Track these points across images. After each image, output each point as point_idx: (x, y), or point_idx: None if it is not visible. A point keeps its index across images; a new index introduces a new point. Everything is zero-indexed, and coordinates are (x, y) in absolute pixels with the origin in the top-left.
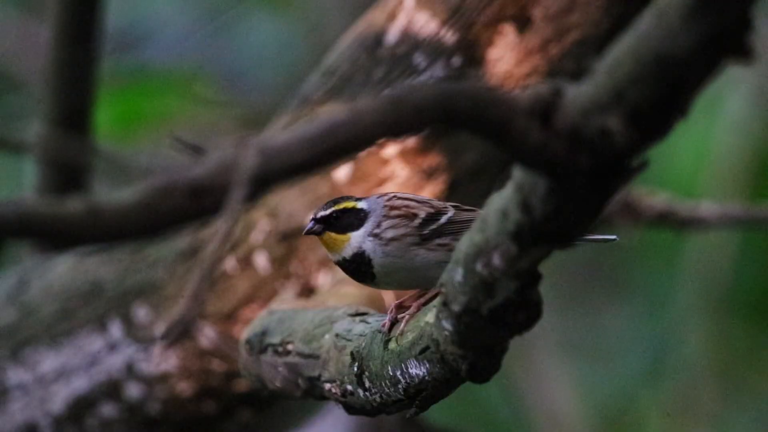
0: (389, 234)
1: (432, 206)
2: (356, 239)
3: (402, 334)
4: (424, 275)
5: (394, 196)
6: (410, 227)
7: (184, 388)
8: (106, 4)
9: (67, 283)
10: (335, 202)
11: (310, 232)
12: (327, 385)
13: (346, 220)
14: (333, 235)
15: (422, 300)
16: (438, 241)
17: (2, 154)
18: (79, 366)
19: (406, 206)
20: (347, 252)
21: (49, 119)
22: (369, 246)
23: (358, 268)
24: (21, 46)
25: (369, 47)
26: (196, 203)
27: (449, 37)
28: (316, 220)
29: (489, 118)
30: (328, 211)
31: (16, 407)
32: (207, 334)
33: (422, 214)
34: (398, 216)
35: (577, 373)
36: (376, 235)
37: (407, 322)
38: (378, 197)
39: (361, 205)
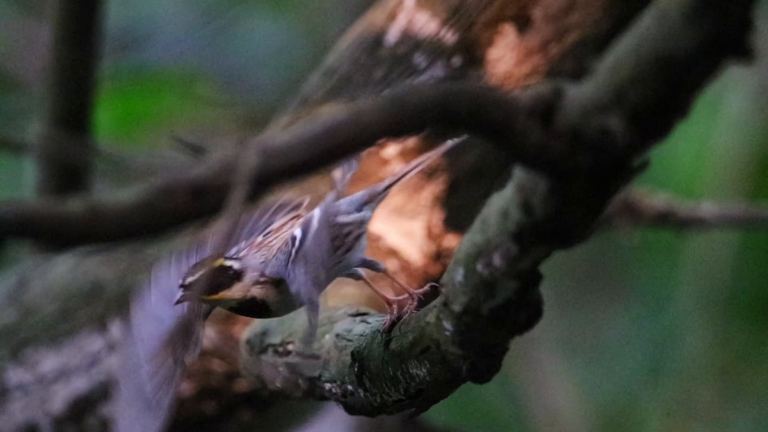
0: (268, 270)
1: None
2: (237, 291)
3: (402, 332)
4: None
5: (253, 240)
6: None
7: (184, 388)
8: (106, 4)
9: (67, 283)
10: (202, 264)
11: (180, 301)
12: (327, 386)
13: (215, 281)
14: (206, 297)
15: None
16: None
17: (2, 154)
18: (79, 366)
19: (268, 242)
20: (231, 303)
21: (49, 119)
22: (258, 292)
23: (250, 311)
24: (21, 46)
25: (369, 47)
26: (196, 203)
27: (449, 37)
28: (184, 287)
29: (489, 119)
30: (195, 277)
31: (16, 407)
32: (207, 334)
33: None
34: (263, 248)
35: (577, 373)
36: (262, 281)
37: (408, 321)
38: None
39: (229, 263)
